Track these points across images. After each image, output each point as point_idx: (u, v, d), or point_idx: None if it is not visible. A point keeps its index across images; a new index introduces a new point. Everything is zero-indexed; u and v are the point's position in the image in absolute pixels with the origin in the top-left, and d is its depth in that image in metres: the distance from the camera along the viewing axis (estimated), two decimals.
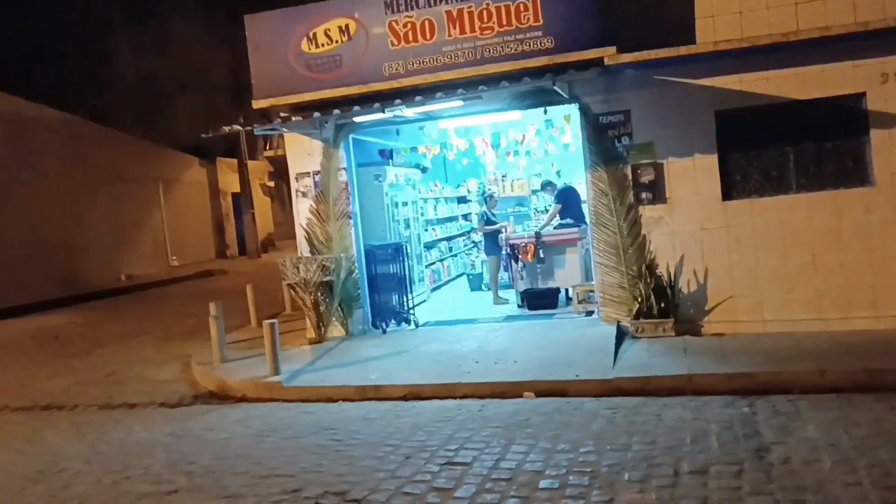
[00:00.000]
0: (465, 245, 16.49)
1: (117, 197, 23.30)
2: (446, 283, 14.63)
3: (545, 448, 5.41)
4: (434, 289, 13.62)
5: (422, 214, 13.74)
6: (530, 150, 14.22)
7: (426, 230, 14.06)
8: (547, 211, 14.57)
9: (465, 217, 16.95)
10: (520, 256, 10.51)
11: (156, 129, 27.78)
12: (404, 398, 7.38)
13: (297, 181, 10.03)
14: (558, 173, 15.39)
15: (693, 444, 5.26)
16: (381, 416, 6.77)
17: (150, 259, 24.88)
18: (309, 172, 9.96)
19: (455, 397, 7.21)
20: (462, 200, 16.86)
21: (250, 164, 29.20)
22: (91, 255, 21.77)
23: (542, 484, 4.75)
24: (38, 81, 24.49)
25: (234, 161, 28.67)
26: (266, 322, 8.26)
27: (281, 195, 33.44)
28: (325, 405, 7.40)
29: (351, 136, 9.97)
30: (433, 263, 14.13)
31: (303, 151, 9.96)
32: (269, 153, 31.98)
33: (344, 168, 9.85)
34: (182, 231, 26.67)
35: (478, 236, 16.38)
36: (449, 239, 15.72)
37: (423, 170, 14.30)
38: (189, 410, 7.70)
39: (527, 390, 7.12)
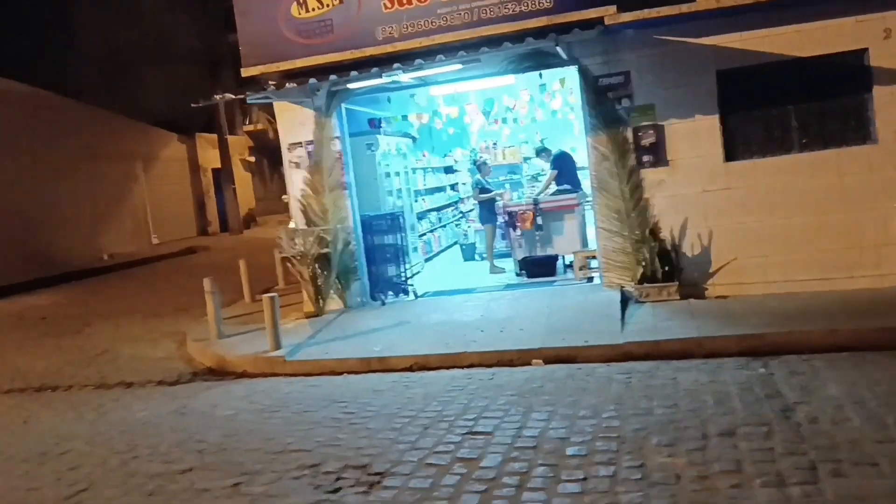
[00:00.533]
0: (454, 215, 16.33)
1: (95, 175, 22.78)
2: (438, 253, 14.47)
3: (566, 414, 5.31)
4: (426, 259, 13.46)
5: (412, 185, 13.52)
6: (517, 117, 14.06)
7: (416, 201, 13.86)
8: (537, 178, 14.46)
9: (453, 187, 16.76)
10: (518, 224, 10.36)
11: (129, 105, 27.16)
12: (410, 369, 7.26)
13: (289, 151, 9.76)
14: (542, 141, 15.24)
15: (716, 406, 5.18)
16: (390, 387, 6.63)
17: (131, 237, 24.46)
18: (301, 143, 9.69)
19: (462, 367, 7.09)
20: (449, 170, 16.67)
21: (230, 138, 28.72)
22: (70, 234, 21.30)
23: (569, 451, 4.64)
24: (2, 56, 23.73)
25: (214, 136, 28.15)
26: (266, 296, 8.07)
27: (261, 170, 33.02)
28: (330, 378, 7.25)
29: (343, 104, 9.71)
30: (424, 234, 13.96)
31: (294, 121, 9.68)
32: (249, 127, 31.51)
33: (337, 137, 9.60)
34: (162, 208, 26.22)
35: (465, 206, 16.26)
36: (438, 209, 15.54)
37: (413, 140, 14.06)
38: (189, 388, 7.51)
39: (535, 358, 7.02)
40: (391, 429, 5.43)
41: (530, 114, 13.87)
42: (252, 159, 31.87)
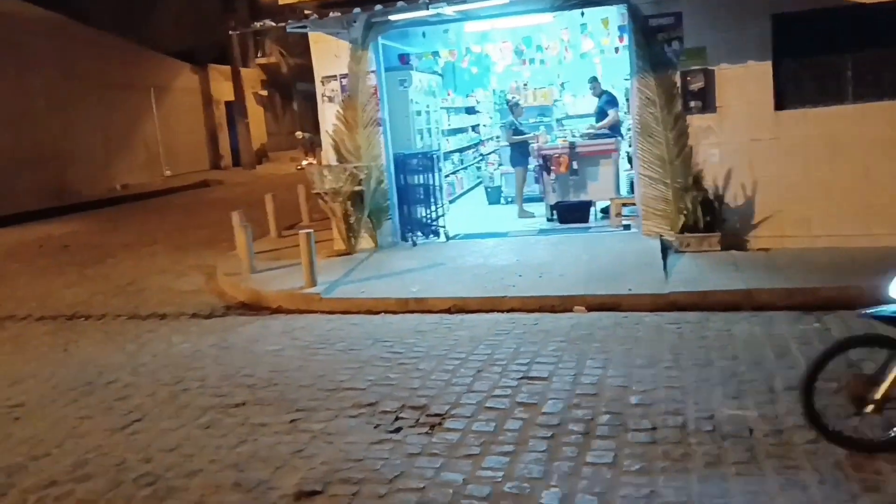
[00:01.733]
0: (475, 157, 16.09)
1: (107, 104, 22.43)
2: (460, 196, 14.29)
3: (623, 363, 5.22)
4: (450, 201, 13.26)
5: (439, 124, 13.25)
6: (545, 58, 13.71)
7: (440, 141, 13.59)
8: (561, 122, 14.19)
9: (475, 128, 16.47)
10: (552, 168, 10.15)
11: (142, 33, 26.53)
12: (449, 311, 7.15)
13: (322, 85, 9.49)
14: (563, 85, 14.92)
15: (777, 359, 5.09)
16: (432, 328, 6.55)
17: (143, 169, 24.22)
18: (335, 76, 9.41)
19: (502, 311, 6.99)
20: (470, 111, 16.36)
21: (243, 71, 28.16)
22: (82, 163, 21.10)
23: (633, 399, 4.57)
24: None
25: (227, 68, 27.60)
26: (302, 232, 7.94)
27: (273, 105, 32.51)
28: (368, 317, 7.16)
29: (379, 37, 9.40)
30: (448, 175, 13.74)
31: (329, 53, 9.39)
32: (262, 60, 30.86)
33: (373, 71, 9.33)
34: (175, 140, 25.90)
35: (486, 148, 16.00)
36: (461, 150, 15.28)
37: (441, 77, 13.73)
38: (224, 321, 7.44)
39: (577, 304, 6.91)
40: (443, 370, 5.36)
41: (559, 55, 13.52)
42: (265, 93, 31.33)
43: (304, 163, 25.68)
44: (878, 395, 3.69)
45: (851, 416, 3.78)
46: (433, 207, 10.08)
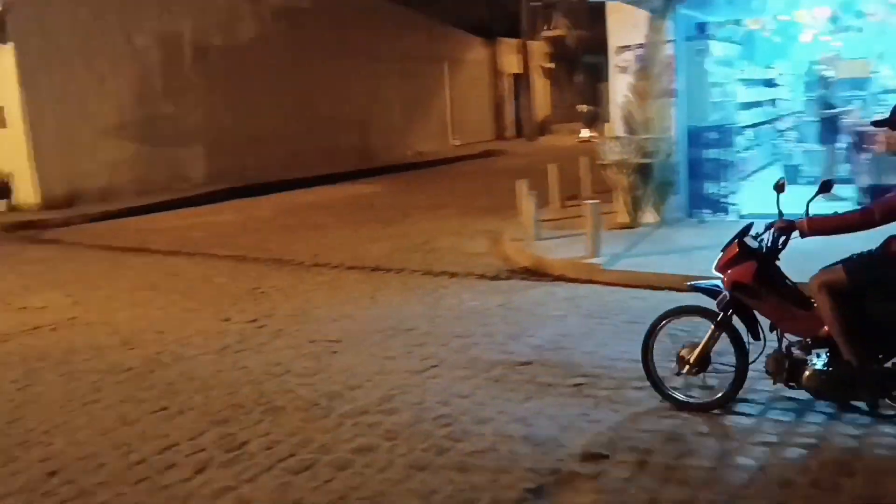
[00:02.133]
0: (772, 133, 14.95)
1: (407, 76, 24.21)
2: (753, 173, 13.37)
3: None
4: (741, 178, 12.48)
5: (733, 97, 12.46)
6: (862, 26, 12.30)
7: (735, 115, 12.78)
8: (877, 97, 12.60)
9: (773, 102, 15.28)
10: (868, 147, 9.12)
11: (436, 8, 28.05)
12: None
13: (616, 55, 9.42)
14: (881, 55, 13.17)
15: None
16: None
17: (434, 137, 25.85)
18: (630, 46, 9.29)
19: None
20: (769, 84, 15.17)
21: (530, 44, 28.72)
22: (383, 131, 23.09)
23: None
24: None
25: (515, 41, 28.34)
26: (589, 202, 8.03)
27: (558, 77, 32.78)
28: (651, 292, 7.03)
29: (679, 5, 9.08)
30: (742, 151, 12.92)
31: (626, 23, 9.28)
32: (549, 33, 31.18)
33: (671, 41, 9.05)
34: (463, 111, 27.26)
35: (784, 123, 14.76)
36: (755, 126, 14.28)
37: (740, 47, 12.90)
38: (509, 284, 7.77)
39: None
40: (733, 353, 5.13)
41: (882, 21, 12.04)
42: (551, 66, 31.70)
43: (584, 135, 25.75)
44: (692, 359, 4.25)
45: (675, 376, 4.35)
46: (724, 183, 9.58)
